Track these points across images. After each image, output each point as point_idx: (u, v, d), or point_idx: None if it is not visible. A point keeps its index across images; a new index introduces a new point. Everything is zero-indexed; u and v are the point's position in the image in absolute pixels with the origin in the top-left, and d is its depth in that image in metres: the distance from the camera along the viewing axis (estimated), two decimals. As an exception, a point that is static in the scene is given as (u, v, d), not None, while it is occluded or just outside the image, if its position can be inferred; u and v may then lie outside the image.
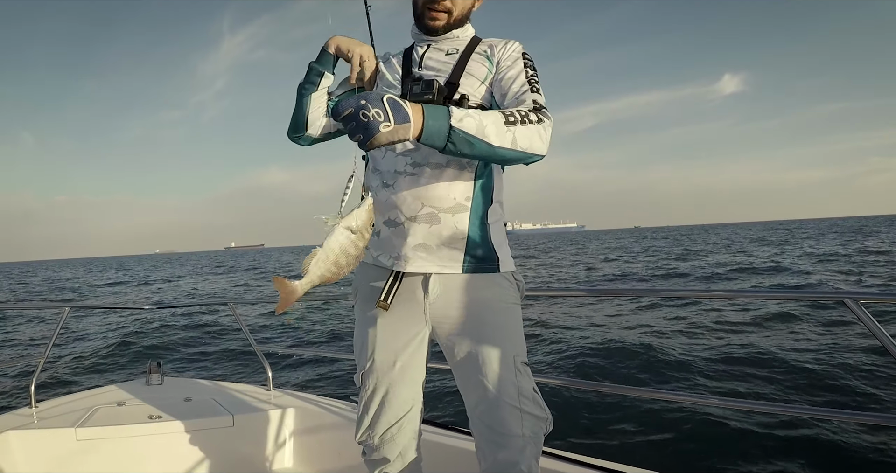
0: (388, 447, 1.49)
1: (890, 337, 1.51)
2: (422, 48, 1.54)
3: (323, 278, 1.20)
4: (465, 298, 1.42)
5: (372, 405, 1.48)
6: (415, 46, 1.58)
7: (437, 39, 1.53)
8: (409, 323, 1.46)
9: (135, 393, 2.90)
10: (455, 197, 1.40)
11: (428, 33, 1.52)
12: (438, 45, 1.53)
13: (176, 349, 10.34)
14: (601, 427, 4.76)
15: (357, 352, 1.54)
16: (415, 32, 1.57)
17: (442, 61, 1.49)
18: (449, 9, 1.46)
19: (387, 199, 1.43)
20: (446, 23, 1.48)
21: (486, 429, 1.38)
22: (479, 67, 1.47)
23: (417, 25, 1.55)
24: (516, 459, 1.34)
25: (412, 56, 1.55)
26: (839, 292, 1.65)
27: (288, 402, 2.76)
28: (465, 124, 1.19)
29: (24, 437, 2.31)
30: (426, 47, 1.54)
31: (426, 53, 1.52)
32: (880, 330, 1.52)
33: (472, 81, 1.45)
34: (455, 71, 1.45)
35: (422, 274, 1.43)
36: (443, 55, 1.50)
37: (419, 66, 1.50)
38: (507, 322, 1.43)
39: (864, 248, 26.37)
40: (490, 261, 1.44)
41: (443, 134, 1.18)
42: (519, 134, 1.25)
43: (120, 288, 30.00)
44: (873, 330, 1.53)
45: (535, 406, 1.38)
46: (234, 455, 2.53)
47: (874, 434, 4.19)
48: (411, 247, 1.40)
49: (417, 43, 1.57)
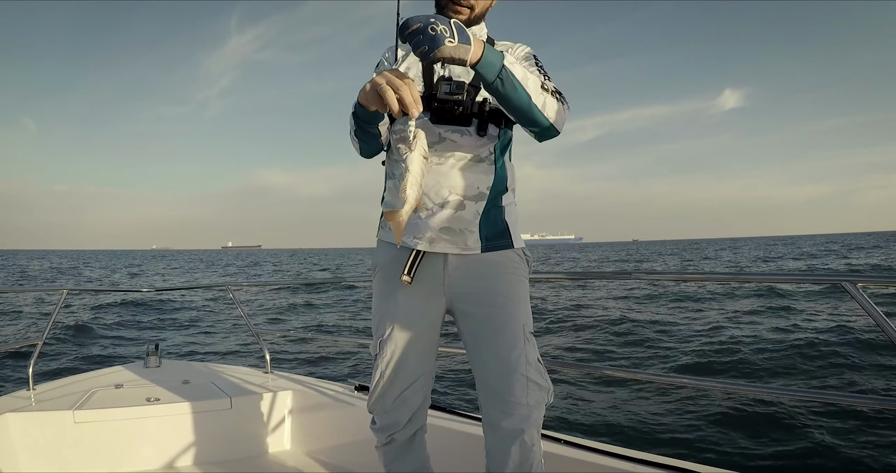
0: (400, 410, 1.56)
1: (887, 320, 1.51)
2: None
3: (417, 200, 1.27)
4: (481, 271, 1.51)
5: (388, 370, 1.54)
6: None
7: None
8: (427, 295, 1.53)
9: (133, 376, 2.90)
10: (478, 186, 1.50)
11: None
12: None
13: (174, 332, 10.38)
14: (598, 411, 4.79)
15: (375, 322, 1.60)
16: None
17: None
18: (472, 5, 1.48)
19: None
20: (468, 18, 1.49)
21: (495, 397, 1.44)
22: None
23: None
24: (521, 426, 1.41)
25: None
26: (837, 274, 1.65)
27: (285, 385, 2.77)
28: (515, 69, 1.29)
29: (22, 419, 2.31)
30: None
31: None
32: (878, 313, 1.52)
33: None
34: (475, 76, 1.44)
35: (443, 254, 1.51)
36: None
37: (442, 64, 1.48)
38: (517, 292, 1.51)
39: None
40: (504, 238, 1.54)
41: (496, 68, 1.26)
42: (549, 102, 1.36)
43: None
44: (871, 312, 1.53)
45: (539, 376, 1.45)
46: (232, 437, 2.54)
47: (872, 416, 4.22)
48: (436, 230, 1.49)
49: None
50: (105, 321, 11.75)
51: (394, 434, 1.58)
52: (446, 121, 1.46)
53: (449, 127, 1.47)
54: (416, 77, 1.50)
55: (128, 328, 10.89)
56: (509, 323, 1.47)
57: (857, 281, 1.58)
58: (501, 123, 1.51)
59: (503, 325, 1.46)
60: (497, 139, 1.52)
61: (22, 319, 12.12)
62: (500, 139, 1.53)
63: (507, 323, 1.46)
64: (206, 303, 13.92)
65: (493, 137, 1.51)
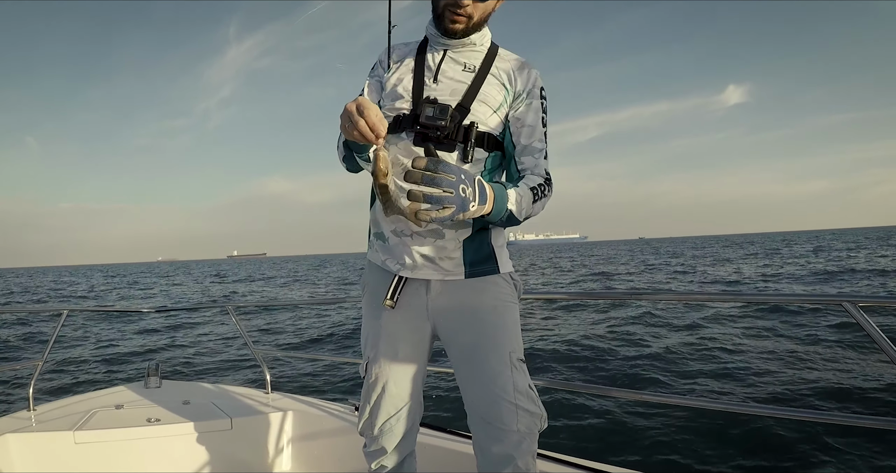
0: (386, 437, 1.54)
1: (888, 341, 1.51)
2: (438, 53, 1.50)
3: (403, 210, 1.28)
4: (466, 297, 1.48)
5: (373, 395, 1.53)
6: (430, 47, 1.53)
7: (454, 45, 1.49)
8: (412, 319, 1.51)
9: (133, 396, 2.90)
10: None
11: (446, 35, 1.48)
12: (456, 55, 1.49)
13: (174, 352, 10.34)
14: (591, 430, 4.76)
15: (363, 344, 1.59)
16: (431, 31, 1.52)
17: (457, 79, 1.46)
18: (470, 13, 1.43)
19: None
20: (466, 26, 1.45)
21: (483, 423, 1.42)
22: (494, 94, 1.46)
23: (436, 26, 1.49)
24: (512, 453, 1.37)
25: (426, 61, 1.51)
26: (838, 295, 1.65)
27: (286, 405, 2.76)
28: (514, 208, 1.34)
29: (23, 440, 2.31)
30: (443, 54, 1.50)
31: (443, 64, 1.48)
32: (879, 334, 1.52)
33: (484, 109, 1.45)
34: (469, 92, 1.44)
35: (426, 280, 1.49)
36: (460, 70, 1.48)
37: (434, 78, 1.47)
38: (504, 319, 1.48)
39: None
40: (490, 263, 1.50)
41: (501, 215, 1.32)
42: (536, 207, 1.42)
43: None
44: (872, 333, 1.53)
45: (530, 403, 1.41)
46: (233, 458, 2.53)
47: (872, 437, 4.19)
48: (417, 257, 1.46)
49: (433, 44, 1.52)
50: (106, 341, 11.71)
51: (381, 460, 1.56)
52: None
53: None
54: (405, 91, 1.48)
55: (128, 347, 10.84)
56: (495, 350, 1.43)
57: (857, 302, 1.58)
58: (490, 147, 1.46)
59: (488, 353, 1.43)
60: (484, 163, 1.47)
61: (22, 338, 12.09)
62: (489, 163, 1.48)
63: (494, 351, 1.43)
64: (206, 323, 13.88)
65: (479, 161, 1.45)
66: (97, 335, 12.51)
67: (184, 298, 25.30)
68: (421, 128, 1.39)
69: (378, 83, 1.57)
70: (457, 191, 1.14)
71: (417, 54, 1.53)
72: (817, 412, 1.70)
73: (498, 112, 1.46)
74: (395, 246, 1.49)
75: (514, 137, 1.48)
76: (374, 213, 1.57)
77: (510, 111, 1.49)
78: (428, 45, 1.54)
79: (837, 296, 1.64)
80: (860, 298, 1.59)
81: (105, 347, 10.89)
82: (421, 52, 1.53)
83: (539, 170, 1.46)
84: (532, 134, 1.47)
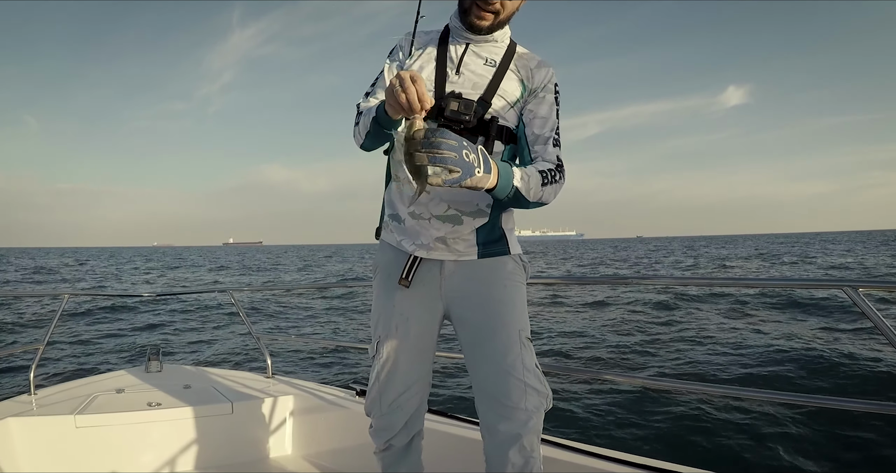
0: (395, 415, 1.56)
1: (889, 326, 1.51)
2: (460, 46, 1.51)
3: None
4: (478, 276, 1.53)
5: (384, 372, 1.55)
6: (452, 40, 1.54)
7: (477, 39, 1.50)
8: (425, 298, 1.55)
9: (134, 381, 2.91)
10: (478, 203, 1.50)
11: (471, 30, 1.49)
12: (477, 49, 1.51)
13: (175, 336, 10.38)
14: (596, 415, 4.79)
15: (374, 323, 1.61)
16: (455, 24, 1.53)
17: (479, 73, 1.48)
18: (497, 10, 1.44)
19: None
20: (492, 23, 1.46)
21: (491, 401, 1.44)
22: (512, 89, 1.49)
23: (462, 20, 1.50)
24: (519, 431, 1.39)
25: (448, 52, 1.52)
26: (839, 280, 1.65)
27: (287, 389, 2.77)
28: (520, 185, 1.34)
29: (24, 424, 2.32)
30: (465, 46, 1.51)
31: (465, 56, 1.50)
32: (880, 319, 1.52)
33: (503, 103, 1.48)
34: (490, 87, 1.47)
35: (440, 260, 1.53)
36: (481, 64, 1.49)
37: (457, 70, 1.48)
38: (514, 297, 1.52)
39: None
40: (502, 244, 1.55)
41: (507, 191, 1.32)
42: (546, 191, 1.42)
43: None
44: (873, 318, 1.53)
45: (537, 381, 1.44)
46: (234, 441, 2.54)
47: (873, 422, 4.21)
48: (433, 239, 1.50)
49: (455, 37, 1.53)
50: (106, 325, 11.75)
51: (390, 439, 1.57)
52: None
53: None
54: (427, 81, 1.48)
55: (129, 332, 10.88)
56: (505, 327, 1.46)
57: (858, 287, 1.58)
58: (506, 140, 1.50)
59: (499, 330, 1.46)
60: (502, 155, 1.51)
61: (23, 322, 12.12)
62: (505, 155, 1.52)
63: (503, 328, 1.46)
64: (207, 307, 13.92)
65: (497, 154, 1.49)
66: (98, 319, 12.55)
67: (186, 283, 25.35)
68: (445, 120, 1.41)
69: (399, 68, 1.57)
70: (460, 156, 1.15)
71: (439, 44, 1.54)
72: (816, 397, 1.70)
73: (515, 107, 1.49)
74: (411, 228, 1.53)
75: (528, 128, 1.51)
76: (389, 194, 1.60)
77: (524, 105, 1.51)
78: (450, 36, 1.55)
79: (838, 281, 1.64)
80: (861, 283, 1.59)
81: (106, 331, 10.93)
82: (443, 43, 1.54)
83: (550, 157, 1.47)
84: (545, 124, 1.49)
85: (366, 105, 1.54)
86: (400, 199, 1.55)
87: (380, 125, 1.41)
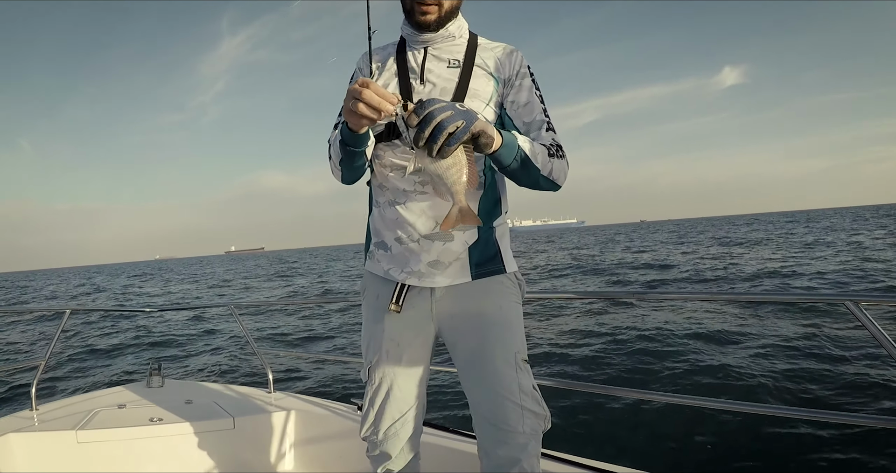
0: (391, 442, 1.51)
1: (891, 340, 1.51)
2: (419, 53, 1.46)
3: (464, 186, 1.19)
4: (471, 299, 1.46)
5: (377, 399, 1.50)
6: (409, 49, 1.48)
7: (433, 40, 1.44)
8: (416, 321, 1.49)
9: (135, 396, 2.90)
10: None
11: (420, 29, 1.43)
12: (437, 51, 1.45)
13: (177, 351, 10.35)
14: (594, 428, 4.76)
15: (364, 348, 1.56)
16: (407, 30, 1.48)
17: (444, 77, 1.42)
18: (440, 2, 1.38)
19: (397, 217, 1.43)
20: (438, 16, 1.40)
21: (488, 426, 1.40)
22: (483, 86, 1.43)
23: (409, 23, 1.45)
24: (518, 456, 1.35)
25: (409, 64, 1.46)
26: (841, 294, 1.65)
27: (289, 404, 2.76)
28: (528, 147, 1.28)
29: (25, 439, 2.31)
30: (423, 53, 1.45)
31: (426, 62, 1.44)
32: (881, 333, 1.52)
33: (476, 103, 1.41)
34: (458, 90, 1.41)
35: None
36: (445, 67, 1.43)
37: (421, 79, 1.43)
38: (509, 319, 1.46)
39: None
40: (496, 263, 1.49)
41: (514, 152, 1.25)
42: (555, 165, 1.36)
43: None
44: (874, 332, 1.53)
45: (535, 404, 1.40)
46: (235, 457, 2.53)
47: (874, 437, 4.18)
48: (425, 264, 1.43)
49: (411, 44, 1.48)
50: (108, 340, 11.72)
51: (387, 465, 1.54)
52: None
53: None
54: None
55: (130, 347, 10.86)
56: (501, 351, 1.41)
57: (859, 301, 1.58)
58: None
59: (494, 353, 1.41)
60: (484, 159, 1.42)
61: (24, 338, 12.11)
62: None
63: (499, 352, 1.41)
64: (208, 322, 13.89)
65: (480, 157, 1.40)
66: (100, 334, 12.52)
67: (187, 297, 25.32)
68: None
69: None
70: (453, 109, 1.10)
71: (398, 56, 1.49)
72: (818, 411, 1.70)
73: (490, 104, 1.43)
74: (399, 255, 1.46)
75: (516, 120, 1.45)
76: (373, 222, 1.53)
77: (502, 99, 1.46)
78: (406, 45, 1.50)
79: (840, 295, 1.64)
80: (863, 297, 1.59)
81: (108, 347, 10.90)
82: (401, 53, 1.49)
83: (545, 141, 1.40)
84: (532, 111, 1.44)
85: (334, 136, 1.46)
86: (385, 226, 1.47)
87: (347, 145, 1.31)
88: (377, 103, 1.11)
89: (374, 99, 1.11)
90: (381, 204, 1.48)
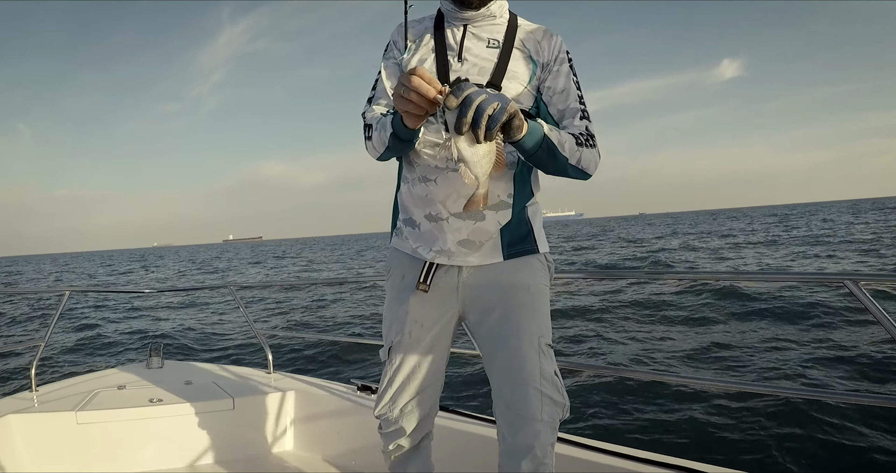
0: (406, 419, 1.51)
1: (890, 319, 1.51)
2: (458, 30, 1.42)
3: (488, 174, 1.16)
4: (500, 277, 1.43)
5: (397, 378, 1.50)
6: (448, 25, 1.44)
7: (474, 18, 1.40)
8: (441, 302, 1.47)
9: (135, 377, 2.91)
10: (499, 194, 1.40)
11: (462, 6, 1.39)
12: (477, 30, 1.41)
13: (176, 332, 10.39)
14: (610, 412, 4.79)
15: (386, 328, 1.54)
16: (447, 6, 1.43)
17: (483, 57, 1.39)
18: None
19: (427, 194, 1.41)
20: None
21: (507, 409, 1.39)
22: (522, 68, 1.40)
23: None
24: (532, 443, 1.34)
25: (447, 40, 1.42)
26: (840, 274, 1.64)
27: (288, 385, 2.77)
28: (552, 135, 1.24)
29: (25, 421, 2.32)
30: (462, 30, 1.41)
31: (465, 40, 1.40)
32: (881, 312, 1.52)
33: (515, 85, 1.38)
34: (497, 71, 1.37)
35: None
36: (483, 47, 1.40)
37: (459, 57, 1.39)
38: (536, 302, 1.43)
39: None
40: (528, 242, 1.46)
41: (538, 138, 1.22)
42: (584, 155, 1.33)
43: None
44: (874, 311, 1.53)
45: (555, 390, 1.38)
46: (235, 437, 2.54)
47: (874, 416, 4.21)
48: (454, 243, 1.40)
49: (451, 20, 1.43)
50: (107, 322, 11.76)
51: (399, 441, 1.53)
52: None
53: None
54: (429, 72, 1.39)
55: (130, 329, 10.90)
56: (525, 334, 1.38)
57: (859, 280, 1.58)
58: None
59: (518, 337, 1.38)
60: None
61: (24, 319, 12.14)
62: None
63: (523, 335, 1.38)
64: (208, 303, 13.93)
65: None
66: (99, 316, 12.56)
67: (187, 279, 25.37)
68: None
69: (395, 66, 1.47)
70: (487, 93, 1.06)
71: (436, 32, 1.44)
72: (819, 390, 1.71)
73: (528, 86, 1.40)
74: (428, 233, 1.43)
75: (551, 107, 1.42)
76: (401, 198, 1.51)
77: (540, 83, 1.42)
78: (444, 21, 1.45)
79: (839, 275, 1.63)
80: (862, 277, 1.58)
81: (107, 328, 10.94)
82: (438, 29, 1.45)
83: (577, 129, 1.37)
84: (567, 98, 1.41)
85: (372, 115, 1.43)
86: (414, 203, 1.45)
87: (400, 139, 1.30)
88: (425, 91, 1.08)
89: (423, 87, 1.08)
90: (410, 180, 1.46)
